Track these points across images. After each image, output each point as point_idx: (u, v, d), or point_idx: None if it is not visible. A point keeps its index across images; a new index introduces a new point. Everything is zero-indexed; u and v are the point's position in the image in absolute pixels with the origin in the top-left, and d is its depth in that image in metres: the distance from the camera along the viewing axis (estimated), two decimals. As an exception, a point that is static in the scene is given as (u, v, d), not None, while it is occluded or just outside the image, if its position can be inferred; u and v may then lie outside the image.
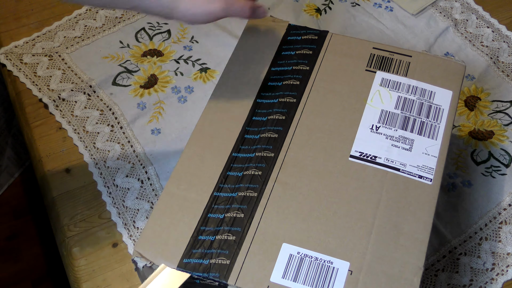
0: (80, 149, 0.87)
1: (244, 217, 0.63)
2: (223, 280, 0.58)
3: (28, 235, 1.56)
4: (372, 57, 0.76)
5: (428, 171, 0.66)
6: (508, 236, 0.79)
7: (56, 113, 0.91)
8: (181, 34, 1.00)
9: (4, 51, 0.98)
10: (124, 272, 0.78)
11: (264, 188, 0.65)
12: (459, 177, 0.84)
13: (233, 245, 0.61)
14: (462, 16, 1.03)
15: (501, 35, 1.00)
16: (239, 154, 0.68)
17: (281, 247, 0.60)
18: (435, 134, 0.69)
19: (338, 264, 0.59)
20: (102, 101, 0.92)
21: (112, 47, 0.99)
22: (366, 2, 1.05)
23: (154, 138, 0.88)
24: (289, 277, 0.59)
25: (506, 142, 0.87)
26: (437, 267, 0.77)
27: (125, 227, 0.80)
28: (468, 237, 0.79)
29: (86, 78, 0.95)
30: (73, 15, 1.03)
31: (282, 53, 0.77)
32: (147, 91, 0.93)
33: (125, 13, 1.03)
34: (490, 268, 0.77)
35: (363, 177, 0.66)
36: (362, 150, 0.68)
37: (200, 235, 0.61)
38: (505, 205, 0.82)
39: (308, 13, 1.03)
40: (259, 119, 0.71)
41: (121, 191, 0.83)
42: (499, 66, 0.96)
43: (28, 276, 1.49)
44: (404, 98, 0.72)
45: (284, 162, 0.67)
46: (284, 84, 0.74)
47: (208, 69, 0.96)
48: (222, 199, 0.64)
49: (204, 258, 0.60)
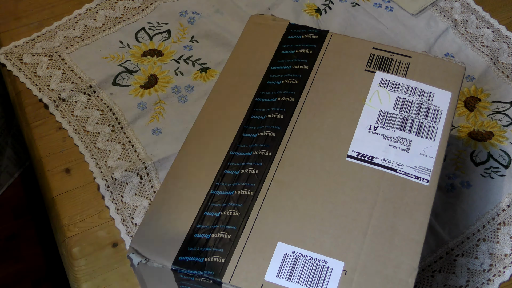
0: (81, 149, 0.87)
1: (240, 216, 0.63)
2: (218, 278, 0.58)
3: (28, 235, 1.56)
4: (371, 57, 0.76)
5: (425, 172, 0.66)
6: (506, 237, 0.79)
7: (56, 113, 0.91)
8: (181, 34, 1.00)
9: (4, 51, 0.98)
10: (124, 272, 0.78)
11: (260, 187, 0.65)
12: (458, 178, 0.84)
13: (228, 243, 0.61)
14: (462, 16, 1.03)
15: (501, 36, 1.00)
16: (236, 152, 0.68)
17: (276, 246, 0.60)
18: (433, 135, 0.69)
19: (333, 263, 0.59)
20: (102, 101, 0.92)
21: (112, 47, 0.99)
22: (366, 2, 1.05)
23: (155, 138, 0.88)
24: (283, 276, 0.59)
25: (506, 143, 0.87)
26: (434, 268, 0.76)
27: (123, 223, 0.81)
28: (466, 238, 0.79)
29: (86, 78, 0.95)
30: (73, 15, 1.03)
31: (282, 52, 0.77)
32: (147, 91, 0.94)
33: (125, 13, 1.03)
34: (487, 269, 0.76)
35: (360, 177, 0.65)
36: (359, 150, 0.68)
37: (196, 233, 0.61)
38: (504, 206, 0.81)
39: (308, 13, 1.03)
40: (258, 118, 0.71)
41: (120, 185, 0.83)
42: (499, 67, 0.96)
43: (28, 276, 1.49)
44: (403, 99, 0.72)
45: (281, 161, 0.67)
46: (283, 83, 0.74)
47: (208, 69, 0.96)
48: (219, 197, 0.64)
49: (199, 256, 0.60)
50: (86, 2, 1.05)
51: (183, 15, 1.03)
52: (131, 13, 1.03)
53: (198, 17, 1.03)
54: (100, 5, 1.04)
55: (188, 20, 1.02)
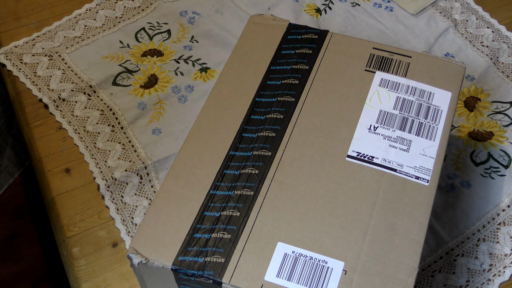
0: (81, 149, 0.87)
1: (240, 216, 0.63)
2: (218, 278, 0.58)
3: (28, 235, 1.56)
4: (371, 57, 0.76)
5: (425, 172, 0.66)
6: (506, 237, 0.79)
7: (56, 113, 0.91)
8: (181, 34, 1.00)
9: (4, 51, 0.98)
10: (124, 272, 0.78)
11: (260, 187, 0.65)
12: (458, 178, 0.84)
13: (228, 243, 0.61)
14: (462, 16, 1.03)
15: (501, 36, 1.00)
16: (236, 152, 0.68)
17: (276, 246, 0.60)
18: (433, 135, 0.69)
19: (333, 263, 0.59)
20: (102, 101, 0.92)
21: (112, 47, 0.99)
22: (366, 2, 1.05)
23: (155, 138, 0.88)
24: (283, 276, 0.59)
25: (506, 143, 0.87)
26: (434, 268, 0.76)
27: (123, 223, 0.81)
28: (466, 238, 0.79)
29: (86, 78, 0.95)
30: (73, 15, 1.03)
31: (282, 52, 0.77)
32: (147, 91, 0.94)
33: (125, 13, 1.03)
34: (487, 269, 0.76)
35: (360, 177, 0.65)
36: (359, 150, 0.68)
37: (196, 233, 0.61)
38: (504, 206, 0.81)
39: (308, 13, 1.03)
40: (258, 118, 0.71)
41: (120, 185, 0.83)
42: (499, 67, 0.96)
43: (28, 276, 1.49)
44: (403, 99, 0.72)
45: (281, 161, 0.67)
46: (283, 83, 0.74)
47: (208, 69, 0.96)
48: (219, 197, 0.64)
49: (199, 256, 0.60)
50: (86, 2, 1.05)
51: (183, 15, 1.03)
52: (131, 13, 1.03)
53: (198, 17, 1.03)
54: (100, 5, 1.04)
55: (188, 20, 1.02)
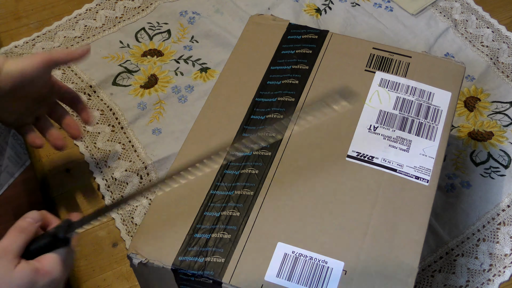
0: (81, 149, 0.87)
1: (240, 216, 0.63)
2: (218, 278, 0.58)
3: (28, 235, 1.55)
4: (371, 57, 0.76)
5: (425, 172, 0.66)
6: (506, 237, 0.79)
7: (56, 113, 0.91)
8: (181, 34, 1.00)
9: (4, 51, 0.98)
10: (124, 272, 0.78)
11: (260, 187, 0.65)
12: (458, 178, 0.84)
13: (228, 243, 0.61)
14: (462, 16, 1.03)
15: (501, 36, 1.00)
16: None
17: (276, 246, 0.60)
18: (433, 135, 0.69)
19: (333, 263, 0.59)
20: (102, 101, 0.92)
21: (112, 47, 0.99)
22: (366, 2, 1.05)
23: (155, 138, 0.88)
24: (283, 276, 0.59)
25: (506, 143, 0.87)
26: (434, 268, 0.76)
27: (123, 223, 0.81)
28: (466, 238, 0.79)
29: (86, 78, 0.95)
30: (73, 15, 1.03)
31: (282, 52, 0.77)
32: (147, 91, 0.93)
33: (125, 13, 1.03)
34: (487, 269, 0.76)
35: (359, 177, 0.66)
36: (359, 150, 0.68)
37: (196, 233, 0.61)
38: (504, 206, 0.81)
39: (308, 13, 1.03)
40: (258, 118, 0.71)
41: (120, 185, 0.83)
42: (499, 67, 0.96)
43: (28, 275, 1.49)
44: (403, 99, 0.72)
45: (281, 161, 0.67)
46: (283, 83, 0.74)
47: (208, 69, 0.96)
48: (219, 197, 0.64)
49: (199, 256, 0.60)
50: (86, 2, 1.04)
51: (183, 15, 1.03)
52: (131, 13, 1.03)
53: (198, 17, 1.03)
54: (100, 5, 1.04)
55: (188, 20, 1.02)
